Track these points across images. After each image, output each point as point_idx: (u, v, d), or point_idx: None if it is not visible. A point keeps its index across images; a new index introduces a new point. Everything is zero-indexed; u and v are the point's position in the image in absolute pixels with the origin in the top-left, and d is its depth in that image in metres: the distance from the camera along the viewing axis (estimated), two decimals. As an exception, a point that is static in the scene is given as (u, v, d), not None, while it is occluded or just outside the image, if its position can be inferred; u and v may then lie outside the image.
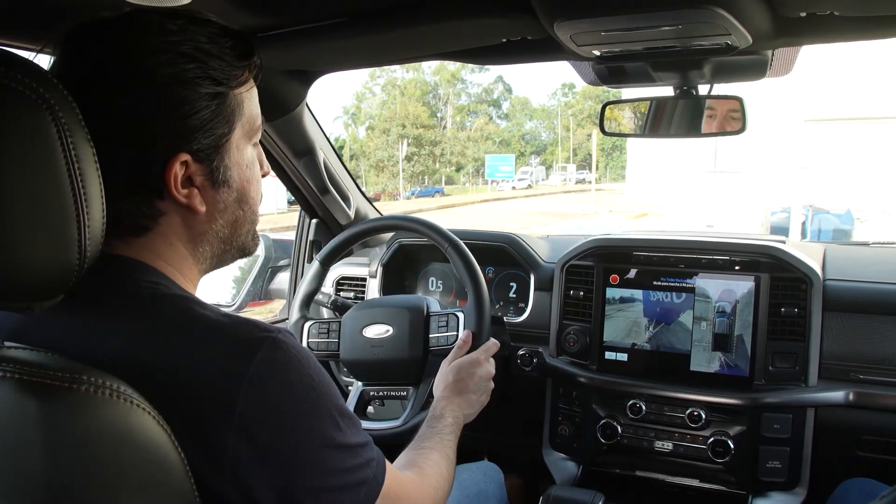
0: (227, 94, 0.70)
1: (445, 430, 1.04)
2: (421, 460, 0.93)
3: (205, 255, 0.76)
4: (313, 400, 0.67)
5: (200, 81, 0.67)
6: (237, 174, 0.74)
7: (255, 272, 2.06)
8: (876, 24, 1.07)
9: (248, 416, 0.61)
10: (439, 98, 52.87)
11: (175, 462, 0.58)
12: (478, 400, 1.19)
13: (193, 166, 0.69)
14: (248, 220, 0.78)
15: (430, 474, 0.90)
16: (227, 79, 0.70)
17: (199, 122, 0.68)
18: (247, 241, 0.80)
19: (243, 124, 0.73)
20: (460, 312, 1.34)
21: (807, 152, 13.50)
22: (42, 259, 0.57)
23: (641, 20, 1.02)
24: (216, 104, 0.69)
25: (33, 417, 0.54)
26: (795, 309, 1.39)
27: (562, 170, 48.31)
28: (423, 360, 1.34)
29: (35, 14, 1.00)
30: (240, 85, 0.72)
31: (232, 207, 0.75)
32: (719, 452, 1.41)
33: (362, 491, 0.70)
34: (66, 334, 0.65)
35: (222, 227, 0.75)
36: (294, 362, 0.65)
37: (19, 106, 0.56)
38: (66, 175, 0.58)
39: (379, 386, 1.39)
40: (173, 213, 0.71)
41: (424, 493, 0.86)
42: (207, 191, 0.72)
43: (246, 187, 0.76)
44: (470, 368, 1.20)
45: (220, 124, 0.70)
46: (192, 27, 0.68)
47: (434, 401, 1.15)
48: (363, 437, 0.73)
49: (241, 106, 0.73)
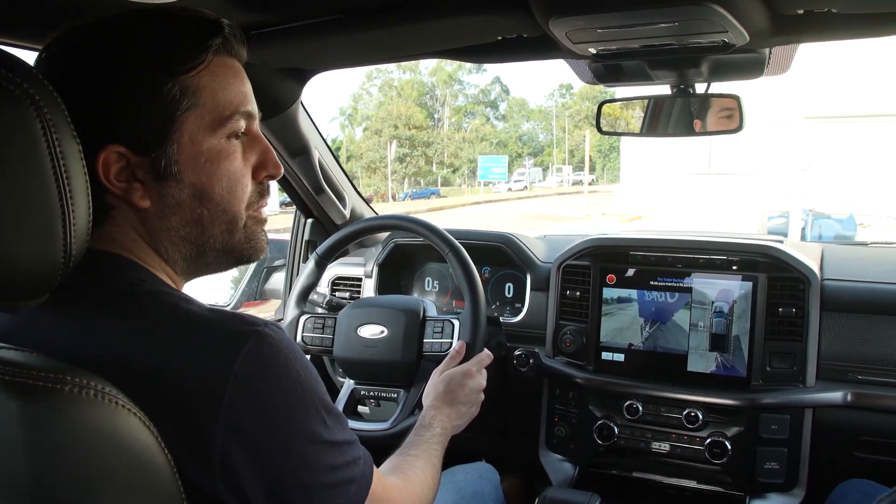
0: (168, 81, 0.66)
1: (433, 440, 1.03)
2: (406, 467, 0.93)
3: (174, 256, 0.72)
4: (300, 394, 0.66)
5: (139, 66, 0.66)
6: (190, 168, 0.68)
7: (250, 272, 2.06)
8: (873, 22, 1.07)
9: (235, 411, 0.60)
10: (436, 99, 52.92)
11: (161, 463, 0.57)
12: (467, 412, 1.18)
13: (134, 158, 0.66)
14: (219, 220, 0.71)
15: (415, 481, 0.90)
16: (172, 63, 0.66)
17: (130, 111, 0.65)
18: (234, 243, 0.74)
19: (202, 113, 0.68)
20: (456, 320, 1.34)
21: (807, 152, 12.94)
22: (27, 257, 0.56)
23: (638, 17, 1.02)
24: (156, 91, 0.65)
25: (16, 418, 0.54)
26: (793, 309, 1.39)
27: (558, 171, 48.34)
28: (416, 365, 1.34)
29: (35, 14, 0.99)
30: (189, 70, 0.67)
31: (188, 205, 0.69)
32: (717, 453, 1.40)
33: (351, 489, 0.70)
34: (52, 333, 0.64)
35: (182, 226, 0.70)
36: (280, 356, 0.64)
37: (3, 101, 0.55)
38: (50, 172, 0.57)
39: (370, 386, 1.39)
40: (123, 207, 0.68)
41: (408, 499, 0.85)
42: (150, 184, 0.68)
43: (205, 183, 0.69)
44: (461, 380, 1.19)
45: (158, 112, 0.66)
46: (155, 17, 0.68)
47: (423, 409, 1.15)
48: (349, 434, 0.72)
49: (196, 93, 0.67)
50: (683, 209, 10.29)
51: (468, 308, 1.31)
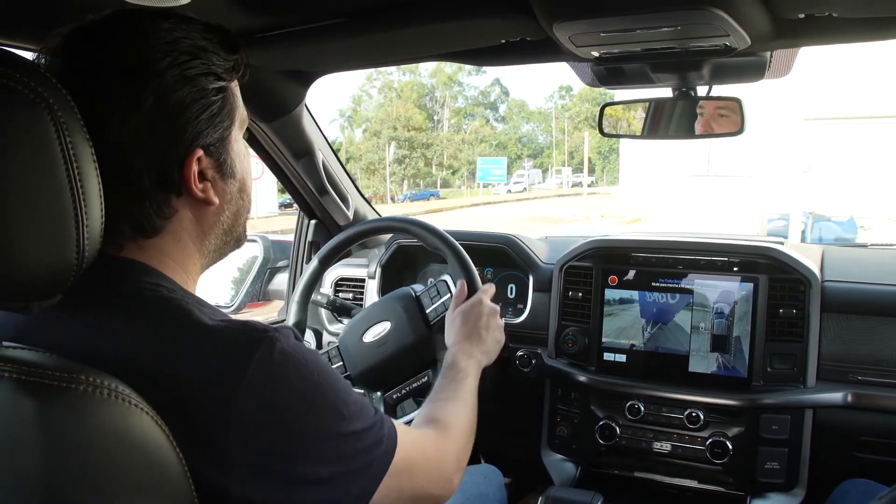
0: (227, 88, 0.72)
1: (460, 377, 1.04)
2: (439, 413, 0.92)
3: (209, 247, 0.77)
4: (313, 395, 0.66)
5: (205, 77, 0.69)
6: (239, 164, 0.76)
7: (253, 273, 2.06)
8: (874, 26, 1.07)
9: (248, 418, 0.61)
10: (436, 101, 52.87)
11: (173, 463, 0.58)
12: (491, 337, 1.19)
13: (206, 161, 0.71)
14: (246, 209, 0.80)
15: (450, 425, 0.90)
16: (225, 72, 0.72)
17: (210, 118, 0.70)
18: (243, 231, 0.81)
19: (236, 115, 0.75)
20: (446, 276, 1.34)
21: (807, 154, 12.64)
22: (40, 258, 0.57)
23: (640, 21, 1.02)
24: (221, 98, 0.71)
25: (31, 417, 0.54)
26: (794, 310, 1.39)
27: (557, 173, 48.26)
28: (430, 337, 1.32)
29: (35, 14, 0.99)
30: (233, 78, 0.74)
31: (236, 198, 0.77)
32: (718, 453, 1.41)
33: (371, 470, 0.71)
34: (65, 335, 0.64)
35: (227, 219, 0.77)
36: (292, 360, 0.65)
37: (18, 105, 0.55)
38: (64, 174, 0.57)
39: (399, 386, 1.36)
40: (185, 210, 0.72)
41: (446, 447, 0.86)
42: (218, 183, 0.73)
43: (245, 177, 0.78)
44: (475, 308, 1.20)
45: (225, 118, 0.72)
46: (183, 25, 0.69)
47: (446, 351, 1.14)
48: (370, 419, 0.72)
49: (236, 98, 0.75)
50: (680, 212, 10.06)
51: (451, 259, 1.32)
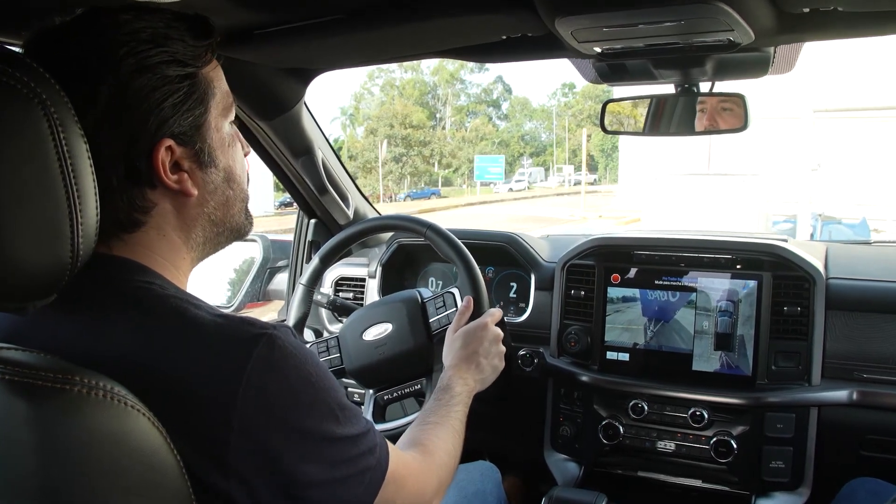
0: (196, 74, 0.71)
1: (452, 402, 1.02)
2: (425, 437, 0.92)
3: (196, 240, 0.75)
4: (312, 396, 0.66)
5: (167, 65, 0.68)
6: (221, 153, 0.75)
7: (253, 273, 2.05)
8: (880, 20, 1.06)
9: (247, 416, 0.61)
10: (438, 98, 52.84)
11: (171, 464, 0.57)
12: (490, 364, 1.17)
13: (178, 150, 0.70)
14: (239, 199, 0.78)
15: (435, 451, 0.89)
16: (192, 59, 0.70)
17: (174, 106, 0.68)
18: (240, 221, 0.80)
19: (217, 102, 0.74)
20: (454, 289, 1.33)
21: (817, 150, 11.43)
22: (34, 257, 0.56)
23: (643, 16, 1.01)
24: (187, 85, 0.70)
25: (25, 419, 0.54)
26: (798, 308, 1.38)
27: (558, 171, 48.20)
28: (430, 347, 1.32)
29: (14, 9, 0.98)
30: (206, 64, 0.72)
31: (221, 188, 0.75)
32: (722, 452, 1.40)
33: (366, 478, 0.71)
34: (60, 336, 0.64)
35: (214, 210, 0.75)
36: (291, 358, 0.65)
37: (11, 100, 0.55)
38: (58, 171, 0.57)
39: (391, 388, 1.36)
40: (164, 202, 0.71)
41: (429, 471, 0.85)
42: (196, 173, 0.72)
43: (231, 165, 0.76)
44: (477, 333, 1.18)
45: (196, 105, 0.71)
46: (146, 15, 0.68)
47: (442, 371, 1.12)
48: (363, 426, 0.72)
49: (211, 84, 0.73)
50: (675, 213, 9.40)
51: (462, 273, 1.30)
